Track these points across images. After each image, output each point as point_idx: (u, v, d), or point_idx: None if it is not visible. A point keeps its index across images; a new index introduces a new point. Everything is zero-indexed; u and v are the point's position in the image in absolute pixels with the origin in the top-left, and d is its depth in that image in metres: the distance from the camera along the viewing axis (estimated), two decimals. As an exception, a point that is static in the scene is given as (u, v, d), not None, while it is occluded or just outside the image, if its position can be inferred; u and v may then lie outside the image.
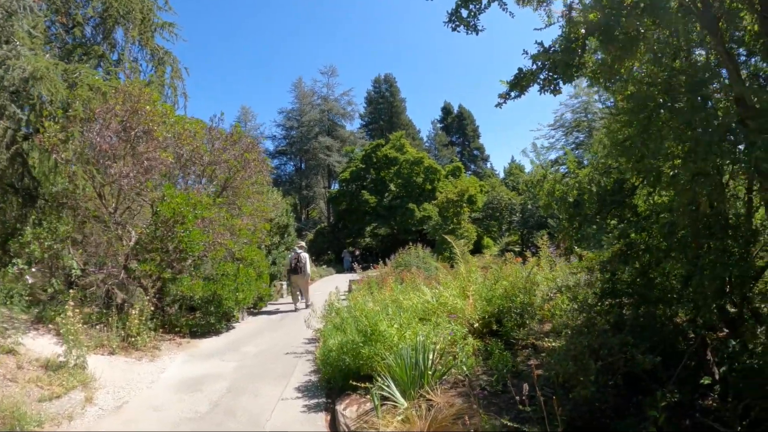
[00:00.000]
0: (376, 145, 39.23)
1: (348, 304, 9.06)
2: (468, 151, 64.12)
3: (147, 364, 7.46)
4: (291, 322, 11.07)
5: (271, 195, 15.95)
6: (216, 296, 9.27)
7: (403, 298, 7.75)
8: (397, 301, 7.75)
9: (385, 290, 9.54)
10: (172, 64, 18.58)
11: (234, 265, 9.87)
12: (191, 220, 8.49)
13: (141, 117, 9.26)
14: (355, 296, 9.58)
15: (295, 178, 53.70)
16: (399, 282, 12.64)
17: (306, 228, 45.27)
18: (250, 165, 10.86)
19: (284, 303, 14.85)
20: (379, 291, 9.54)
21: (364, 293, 9.88)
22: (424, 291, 8.07)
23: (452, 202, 29.74)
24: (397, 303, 7.63)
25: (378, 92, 58.35)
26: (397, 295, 8.33)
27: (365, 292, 9.94)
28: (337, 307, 8.50)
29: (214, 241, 9.07)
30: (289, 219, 17.99)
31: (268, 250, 16.14)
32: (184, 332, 9.33)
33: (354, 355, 5.65)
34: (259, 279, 11.91)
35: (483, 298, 7.17)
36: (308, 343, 8.73)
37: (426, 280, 10.32)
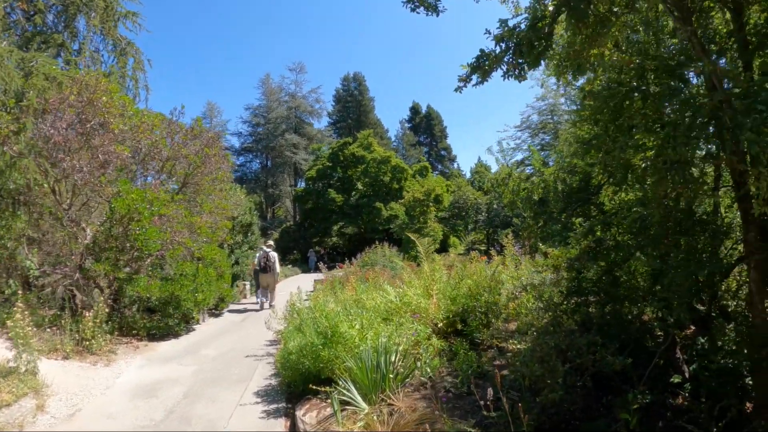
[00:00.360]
0: (344, 143, 38.98)
1: (309, 305, 8.89)
2: (435, 151, 64.56)
3: (102, 369, 7.13)
4: (253, 324, 10.80)
5: (233, 193, 15.57)
6: (174, 297, 8.93)
7: (365, 298, 7.61)
8: (359, 301, 7.61)
9: (348, 290, 9.39)
10: (134, 55, 17.99)
11: (193, 264, 9.53)
12: (147, 217, 8.13)
13: (97, 108, 8.84)
14: (317, 296, 9.40)
15: (260, 175, 52.87)
16: (363, 281, 12.54)
17: (271, 227, 44.64)
18: (211, 160, 10.50)
19: (247, 303, 14.52)
20: (342, 291, 9.39)
21: (326, 293, 9.71)
22: (388, 290, 7.95)
23: (419, 202, 29.80)
24: (359, 303, 7.49)
25: (347, 90, 58.12)
26: (360, 294, 8.19)
27: (328, 292, 9.77)
28: (299, 307, 8.31)
29: (171, 239, 8.73)
30: (252, 217, 17.62)
31: (230, 249, 15.76)
32: (142, 335, 8.97)
33: (314, 358, 5.48)
34: (221, 279, 11.59)
35: (447, 297, 7.10)
36: (270, 345, 8.51)
37: (390, 279, 10.23)
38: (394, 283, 9.16)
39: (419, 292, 7.32)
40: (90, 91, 8.90)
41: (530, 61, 3.37)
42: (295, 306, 8.37)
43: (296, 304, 8.38)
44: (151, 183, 9.77)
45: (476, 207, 38.67)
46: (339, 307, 6.89)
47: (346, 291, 9.06)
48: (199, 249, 9.76)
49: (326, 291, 9.85)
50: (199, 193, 11.15)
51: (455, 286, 7.35)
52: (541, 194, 6.49)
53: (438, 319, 6.61)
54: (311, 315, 6.89)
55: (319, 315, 6.18)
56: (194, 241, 9.44)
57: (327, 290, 9.95)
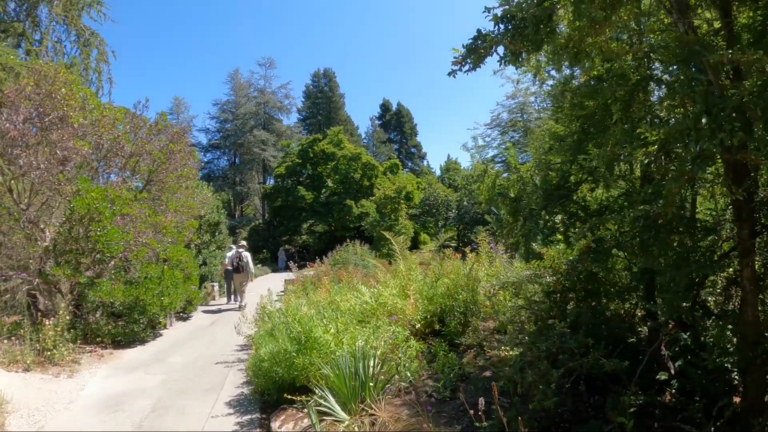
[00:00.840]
0: (314, 139, 38.48)
1: (281, 307, 8.60)
2: (405, 148, 64.71)
3: (65, 381, 6.72)
4: (222, 327, 10.42)
5: (200, 191, 15.07)
6: (139, 302, 8.50)
7: (339, 300, 7.36)
8: (333, 303, 7.37)
9: (321, 291, 9.13)
10: (98, 46, 17.26)
11: (158, 266, 9.10)
12: (108, 217, 7.68)
13: (56, 101, 8.32)
14: (288, 298, 9.11)
15: (228, 173, 51.72)
16: (336, 281, 12.28)
17: (240, 225, 43.79)
18: (176, 157, 10.03)
19: (216, 305, 14.09)
20: (315, 292, 9.12)
21: (298, 295, 9.43)
22: (362, 291, 7.72)
23: (390, 199, 29.64)
24: (333, 305, 7.25)
25: (317, 87, 57.65)
26: (334, 296, 7.95)
27: (300, 293, 9.49)
28: (269, 310, 8.01)
29: (135, 240, 8.28)
30: (220, 216, 17.11)
31: (198, 249, 15.26)
32: (107, 342, 8.54)
33: (287, 366, 5.22)
34: (188, 281, 11.17)
35: (424, 296, 6.94)
36: (240, 350, 8.19)
37: (364, 278, 9.99)
38: (369, 283, 8.95)
39: (395, 292, 7.13)
40: (49, 83, 8.38)
41: (532, 45, 3.16)
42: (265, 309, 8.07)
43: (267, 307, 8.09)
44: (114, 181, 9.26)
45: (446, 204, 38.78)
46: (312, 310, 6.64)
47: (319, 292, 8.79)
48: (165, 250, 9.32)
49: (298, 292, 9.57)
50: (164, 192, 10.68)
51: (432, 285, 7.19)
52: (518, 192, 6.37)
53: (416, 320, 6.43)
54: (283, 319, 6.63)
55: (292, 319, 5.90)
56: (159, 242, 9.00)
57: (299, 291, 9.67)
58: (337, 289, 8.38)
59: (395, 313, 6.54)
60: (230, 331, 9.65)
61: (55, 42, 16.69)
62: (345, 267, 13.58)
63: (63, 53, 16.82)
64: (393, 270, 8.92)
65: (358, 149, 39.43)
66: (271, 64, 53.23)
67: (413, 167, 61.24)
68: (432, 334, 6.68)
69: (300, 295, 9.40)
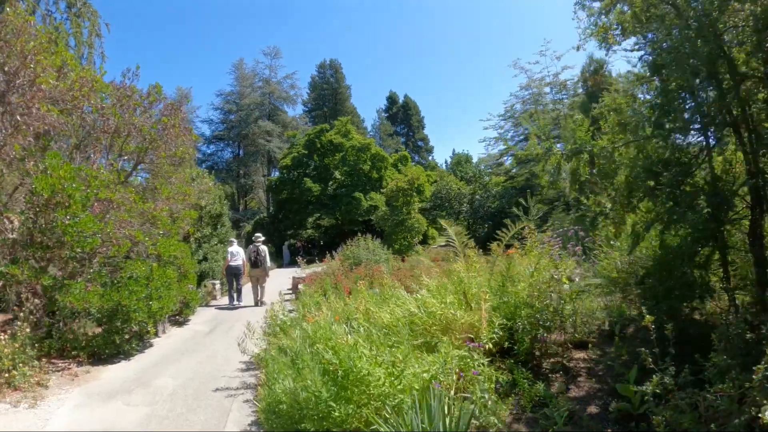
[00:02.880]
0: (321, 129, 36.76)
1: (296, 315, 6.99)
2: (412, 141, 63.49)
3: (25, 413, 5.14)
4: (223, 336, 8.80)
5: (200, 179, 13.45)
6: (121, 308, 6.87)
7: (377, 310, 5.72)
8: (368, 313, 5.74)
9: (344, 295, 7.52)
10: (90, 18, 15.73)
11: (145, 264, 7.45)
12: (79, 201, 6.04)
13: (24, 58, 6.69)
14: (305, 304, 7.48)
15: (232, 165, 50.10)
16: (355, 280, 10.67)
17: (244, 219, 42.29)
18: (170, 133, 8.39)
19: (216, 307, 12.46)
20: (338, 296, 7.50)
21: (315, 297, 7.82)
22: (403, 298, 6.06)
23: (402, 191, 27.95)
24: (368, 316, 5.64)
25: (323, 78, 56.47)
26: (364, 303, 6.32)
27: (318, 297, 7.87)
28: (282, 320, 6.40)
29: (116, 232, 6.67)
30: (222, 207, 15.46)
31: (198, 243, 13.65)
32: (83, 357, 6.94)
33: (320, 418, 3.55)
34: (184, 280, 9.56)
35: (493, 305, 5.30)
36: (245, 369, 6.53)
37: (399, 281, 8.35)
38: (405, 285, 7.33)
39: (452, 300, 5.45)
40: (14, 34, 6.76)
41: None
42: (277, 318, 6.46)
43: (278, 315, 6.48)
44: (93, 159, 7.57)
45: (460, 197, 37.07)
46: (343, 326, 5.02)
47: (345, 297, 7.16)
48: (155, 244, 7.69)
49: (316, 296, 7.95)
50: (158, 176, 9.08)
51: (499, 290, 5.55)
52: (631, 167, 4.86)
53: (487, 337, 4.78)
54: (304, 337, 5.00)
55: (324, 345, 4.23)
56: (148, 235, 7.40)
57: (316, 295, 8.05)
58: (367, 296, 6.71)
59: (455, 328, 4.91)
60: (233, 340, 8.06)
61: (45, 13, 15.22)
62: (366, 264, 11.94)
63: (53, 25, 15.29)
64: (444, 270, 7.18)
65: (367, 140, 37.81)
66: (276, 54, 51.62)
67: (420, 161, 59.81)
68: (499, 354, 5.10)
69: (317, 298, 7.80)
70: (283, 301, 6.95)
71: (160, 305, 7.45)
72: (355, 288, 8.00)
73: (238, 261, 12.46)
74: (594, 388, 4.52)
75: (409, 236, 27.77)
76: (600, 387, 4.53)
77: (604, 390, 4.43)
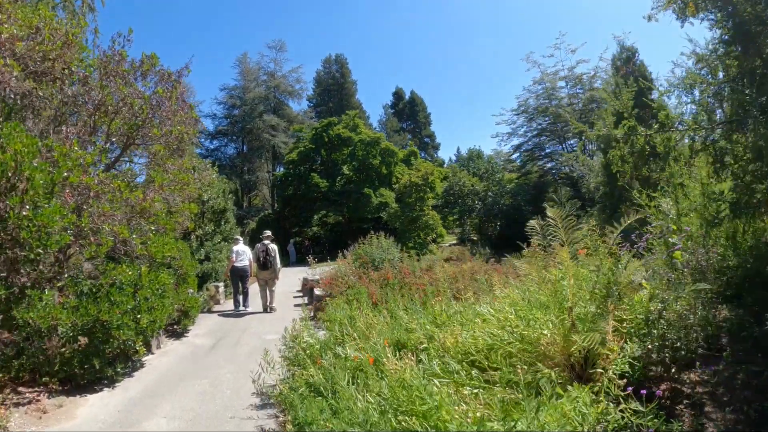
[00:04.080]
0: (328, 123, 35.23)
1: (326, 336, 5.52)
2: (419, 138, 62.52)
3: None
4: (229, 354, 7.32)
5: (203, 171, 11.98)
6: (102, 325, 5.39)
7: (449, 335, 4.17)
8: (431, 334, 4.24)
9: (381, 307, 6.03)
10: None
11: (133, 268, 5.95)
12: (39, 185, 4.53)
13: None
14: (334, 319, 5.98)
15: (236, 161, 48.49)
16: (380, 284, 9.22)
17: (248, 216, 40.82)
18: (166, 107, 6.90)
19: (221, 313, 10.96)
20: (373, 309, 6.01)
21: (350, 311, 6.33)
22: (482, 313, 4.52)
23: (415, 186, 26.46)
24: (430, 337, 4.15)
25: (328, 73, 55.54)
26: (421, 321, 4.83)
27: (349, 308, 6.38)
28: (309, 342, 4.93)
29: (91, 227, 5.20)
30: (227, 202, 13.98)
31: (199, 241, 12.18)
32: (54, 385, 5.48)
33: None
34: (183, 284, 8.10)
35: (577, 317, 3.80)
36: (261, 406, 4.99)
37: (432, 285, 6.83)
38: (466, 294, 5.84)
39: (543, 316, 3.92)
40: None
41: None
42: (301, 340, 4.99)
43: (304, 336, 5.01)
44: (66, 134, 6.02)
45: (473, 194, 35.48)
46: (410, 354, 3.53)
47: (387, 309, 5.66)
48: (145, 243, 6.19)
49: (342, 305, 6.46)
50: (151, 161, 7.62)
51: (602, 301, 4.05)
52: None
53: (620, 368, 3.26)
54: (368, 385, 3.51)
55: (391, 388, 2.72)
56: (136, 231, 5.93)
57: (344, 303, 6.56)
58: (445, 308, 5.17)
59: (554, 354, 3.41)
60: (242, 360, 6.62)
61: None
62: (393, 267, 10.48)
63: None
64: (534, 274, 5.60)
65: (377, 134, 36.30)
66: (281, 47, 50.04)
67: (426, 158, 58.57)
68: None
69: (348, 308, 6.31)
70: (307, 318, 5.50)
71: (152, 318, 5.96)
72: (390, 297, 6.52)
73: (244, 261, 10.99)
74: (730, 419, 3.17)
75: (423, 234, 26.33)
76: (736, 418, 3.22)
77: (743, 421, 3.12)
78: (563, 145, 39.13)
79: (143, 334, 6.00)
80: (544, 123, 40.42)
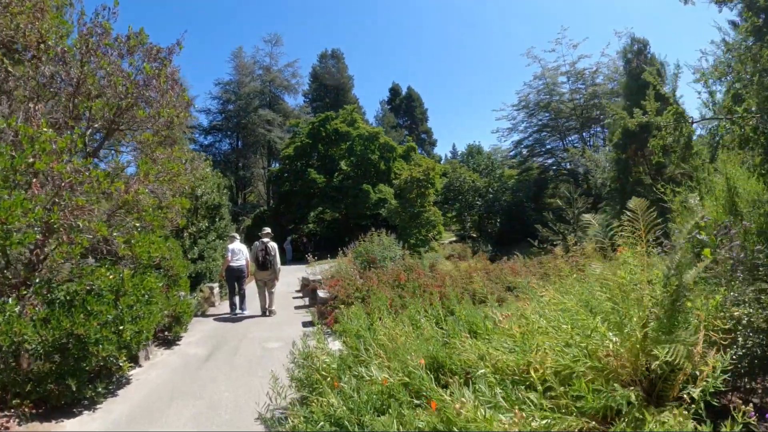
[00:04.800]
0: (326, 117, 34.33)
1: (342, 350, 4.73)
2: (416, 134, 62.16)
3: None
4: (226, 364, 6.52)
5: (197, 159, 11.13)
6: (75, 340, 4.56)
7: (506, 352, 3.36)
8: (481, 352, 3.45)
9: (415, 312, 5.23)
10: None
11: (114, 271, 5.13)
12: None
13: None
14: (350, 330, 5.17)
15: (231, 157, 47.59)
16: (391, 286, 8.46)
17: (243, 213, 39.93)
18: (153, 85, 6.05)
19: (216, 316, 10.14)
20: (394, 319, 5.21)
21: (367, 320, 5.53)
22: (532, 320, 3.71)
23: (417, 182, 25.61)
24: (481, 356, 3.37)
25: (324, 68, 54.75)
26: (456, 330, 4.05)
27: (367, 316, 5.58)
28: (325, 363, 4.13)
29: (64, 222, 4.38)
30: (221, 198, 13.13)
31: (193, 239, 11.35)
32: (27, 407, 4.66)
33: None
34: (174, 287, 7.29)
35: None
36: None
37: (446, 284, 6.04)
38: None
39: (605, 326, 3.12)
40: None
41: None
42: (316, 361, 4.20)
43: (318, 356, 4.22)
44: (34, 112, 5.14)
45: (474, 190, 34.73)
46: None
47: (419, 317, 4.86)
48: (129, 241, 5.35)
49: (359, 312, 5.65)
50: (141, 153, 6.77)
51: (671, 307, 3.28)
52: None
53: (711, 384, 2.50)
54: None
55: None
56: (118, 228, 5.11)
57: (359, 310, 5.75)
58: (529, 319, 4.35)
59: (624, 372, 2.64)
60: (241, 374, 5.84)
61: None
62: (411, 269, 9.69)
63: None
64: (606, 275, 4.78)
65: (375, 128, 35.45)
66: (277, 41, 49.19)
67: (423, 154, 58.13)
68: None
69: (373, 321, 5.51)
70: (320, 330, 4.70)
71: (137, 329, 5.14)
72: (409, 302, 5.73)
73: (240, 261, 10.17)
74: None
75: (425, 231, 25.55)
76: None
77: None
78: (563, 142, 38.51)
79: (127, 348, 5.18)
80: (545, 119, 39.82)
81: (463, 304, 5.53)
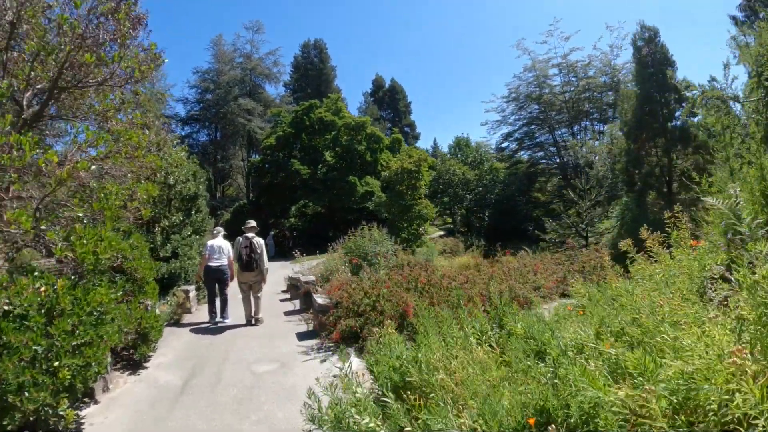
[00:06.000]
0: (310, 106, 32.63)
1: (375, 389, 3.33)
2: (399, 127, 61.04)
3: None
4: (207, 400, 5.01)
5: (168, 147, 9.55)
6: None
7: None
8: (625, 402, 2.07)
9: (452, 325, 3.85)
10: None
11: (46, 279, 3.55)
12: None
13: None
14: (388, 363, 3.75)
15: (209, 148, 45.53)
16: (405, 287, 7.09)
17: (222, 206, 38.05)
18: (108, 26, 4.45)
19: (193, 327, 8.55)
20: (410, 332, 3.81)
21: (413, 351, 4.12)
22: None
23: (408, 173, 24.17)
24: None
25: (306, 58, 53.72)
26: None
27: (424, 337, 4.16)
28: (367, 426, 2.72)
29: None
30: (198, 187, 11.45)
31: (165, 235, 9.74)
32: None
33: None
34: (140, 295, 5.74)
35: None
36: None
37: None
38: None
39: None
40: None
41: None
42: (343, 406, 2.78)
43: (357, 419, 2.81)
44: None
45: (464, 183, 33.48)
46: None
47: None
48: (68, 238, 3.77)
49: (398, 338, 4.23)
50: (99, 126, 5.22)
51: None
52: None
53: None
54: None
55: None
56: (48, 219, 3.57)
57: (396, 334, 4.33)
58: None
59: None
60: (227, 417, 4.35)
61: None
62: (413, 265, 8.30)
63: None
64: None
65: (362, 118, 33.86)
66: (258, 29, 47.30)
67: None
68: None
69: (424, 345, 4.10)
70: (344, 358, 3.26)
71: (82, 362, 3.62)
72: (425, 311, 4.32)
73: (221, 260, 8.54)
74: None
75: (416, 225, 24.17)
76: None
77: None
78: (553, 135, 37.58)
79: (69, 391, 3.64)
80: (534, 111, 38.89)
81: (520, 314, 4.21)
